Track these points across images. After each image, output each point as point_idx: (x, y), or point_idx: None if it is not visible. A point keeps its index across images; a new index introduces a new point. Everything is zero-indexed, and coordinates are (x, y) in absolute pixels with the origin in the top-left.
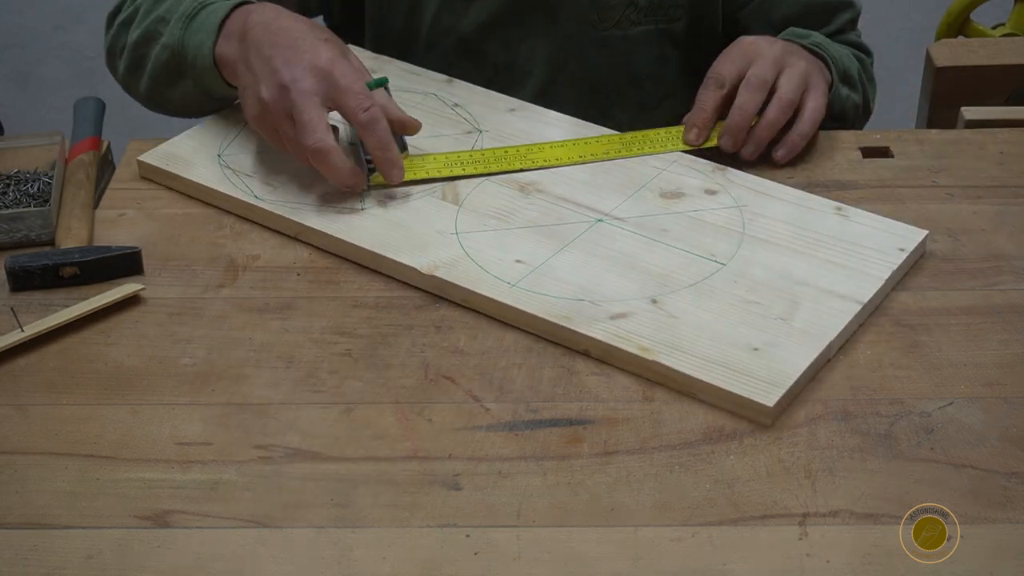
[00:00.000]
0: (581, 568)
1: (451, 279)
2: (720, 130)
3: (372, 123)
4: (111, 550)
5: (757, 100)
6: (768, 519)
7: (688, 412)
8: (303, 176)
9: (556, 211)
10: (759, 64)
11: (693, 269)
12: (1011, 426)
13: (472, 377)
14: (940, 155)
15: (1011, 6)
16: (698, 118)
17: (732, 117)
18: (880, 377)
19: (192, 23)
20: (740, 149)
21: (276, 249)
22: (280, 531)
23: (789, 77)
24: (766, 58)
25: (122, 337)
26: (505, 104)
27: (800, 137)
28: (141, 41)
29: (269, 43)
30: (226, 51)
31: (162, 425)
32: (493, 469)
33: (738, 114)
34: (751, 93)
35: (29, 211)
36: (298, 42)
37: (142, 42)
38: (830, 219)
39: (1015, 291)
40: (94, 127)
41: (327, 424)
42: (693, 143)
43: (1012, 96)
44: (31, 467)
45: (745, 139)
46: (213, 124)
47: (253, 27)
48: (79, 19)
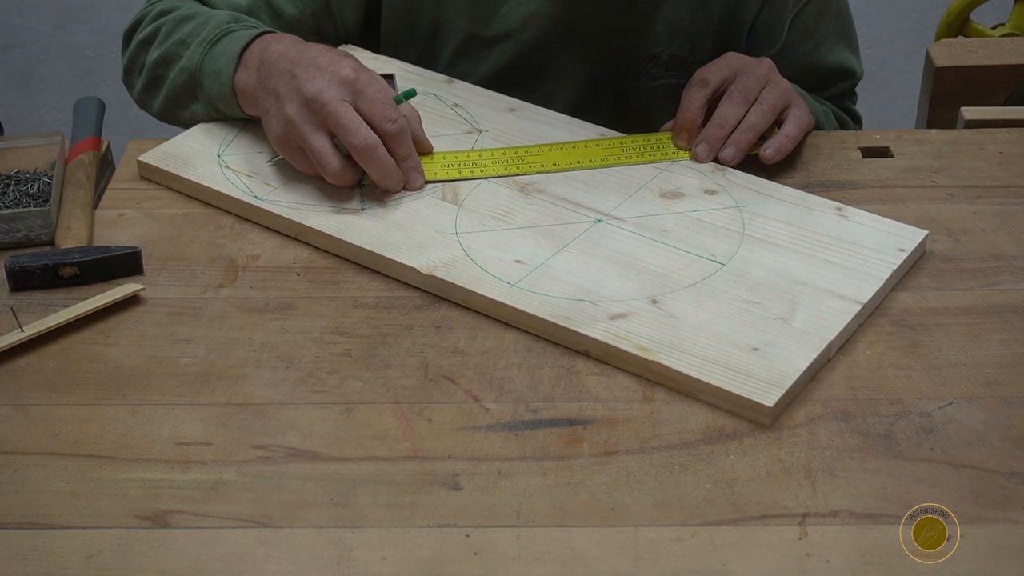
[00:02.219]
0: (581, 568)
1: (451, 279)
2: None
3: (400, 135)
4: (111, 550)
5: (738, 113)
6: (768, 519)
7: (688, 412)
8: (303, 176)
9: (556, 211)
10: (744, 78)
11: (693, 269)
12: (1011, 426)
13: (472, 377)
14: (940, 155)
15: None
16: (685, 120)
17: (710, 127)
18: (880, 377)
19: (213, 50)
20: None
21: (276, 249)
22: (280, 531)
23: (771, 90)
24: (751, 73)
25: (122, 337)
26: (505, 104)
27: (788, 138)
28: (160, 62)
29: (289, 64)
30: (244, 80)
31: (162, 425)
32: (493, 469)
33: (716, 125)
34: (733, 106)
35: (29, 211)
36: (318, 60)
37: (161, 63)
38: (830, 219)
39: (1015, 291)
40: (94, 127)
41: (327, 424)
42: (685, 148)
43: (1012, 96)
44: (31, 467)
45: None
46: (213, 125)
47: (271, 55)
48: (79, 19)
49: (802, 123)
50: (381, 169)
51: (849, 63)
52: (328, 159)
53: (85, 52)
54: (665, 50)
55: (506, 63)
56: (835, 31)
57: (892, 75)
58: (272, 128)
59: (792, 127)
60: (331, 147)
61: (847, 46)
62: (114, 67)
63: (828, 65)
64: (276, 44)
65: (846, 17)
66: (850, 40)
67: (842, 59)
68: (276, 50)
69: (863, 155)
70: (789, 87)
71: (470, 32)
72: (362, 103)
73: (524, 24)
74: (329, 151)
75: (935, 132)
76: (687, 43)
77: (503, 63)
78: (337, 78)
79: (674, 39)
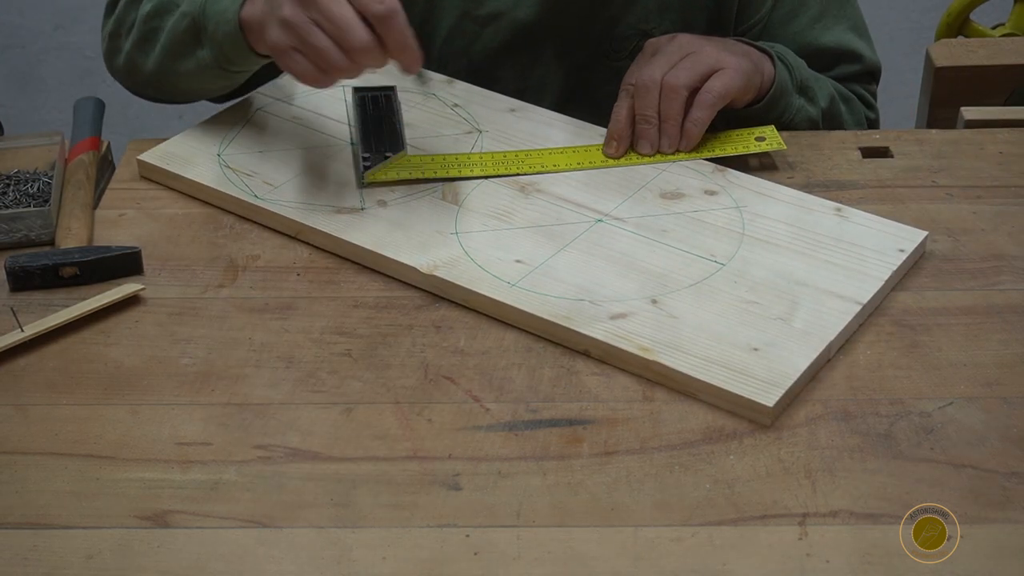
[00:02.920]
0: (581, 568)
1: (451, 279)
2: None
3: (391, 15)
4: (111, 550)
5: (651, 103)
6: (768, 519)
7: (688, 412)
8: (303, 176)
9: (556, 211)
10: (651, 64)
11: (693, 269)
12: (1011, 426)
13: (472, 377)
14: (940, 155)
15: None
16: (614, 129)
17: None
18: (880, 377)
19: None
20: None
21: (276, 249)
22: (280, 531)
23: (681, 67)
24: (659, 56)
25: (122, 337)
26: (505, 104)
27: (692, 123)
28: (154, 13)
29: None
30: (250, 12)
31: (162, 425)
32: (493, 469)
33: (612, 121)
34: (640, 98)
35: (29, 211)
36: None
37: (155, 14)
38: (830, 219)
39: (1015, 291)
40: (94, 127)
41: (327, 424)
42: (613, 156)
43: (1012, 96)
44: (31, 467)
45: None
46: (213, 124)
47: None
48: (79, 19)
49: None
50: (400, 36)
51: (851, 44)
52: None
53: (85, 52)
54: (657, 27)
55: (500, 42)
56: (832, 11)
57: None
58: (270, 36)
59: (697, 109)
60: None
61: (850, 28)
62: None
63: (825, 44)
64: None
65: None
66: (854, 23)
67: (843, 40)
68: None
69: (863, 155)
70: (715, 55)
71: (463, 10)
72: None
73: (516, 3)
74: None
75: (935, 132)
76: (680, 19)
77: (497, 42)
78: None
79: (666, 15)
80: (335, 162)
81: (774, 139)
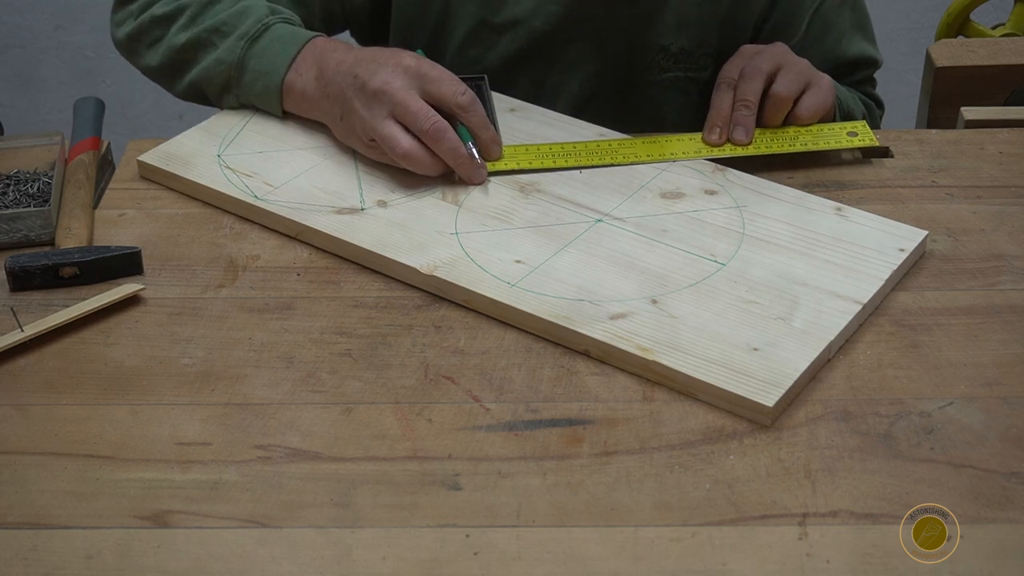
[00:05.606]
0: (581, 568)
1: (451, 279)
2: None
3: (472, 104)
4: (111, 550)
5: (755, 88)
6: (768, 519)
7: (688, 412)
8: (303, 176)
9: (556, 211)
10: (758, 58)
11: (693, 269)
12: (1011, 426)
13: (472, 377)
14: (940, 155)
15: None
16: (718, 118)
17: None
18: (880, 377)
19: (255, 46)
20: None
21: (276, 249)
22: (280, 531)
23: (785, 74)
24: (765, 53)
25: (122, 337)
26: (505, 104)
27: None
28: (189, 46)
29: (349, 67)
30: (295, 82)
31: (162, 425)
32: (493, 469)
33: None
34: (745, 83)
35: (29, 211)
36: (377, 56)
37: (190, 47)
38: (830, 219)
39: (1015, 291)
40: (94, 127)
41: (327, 424)
42: (716, 143)
43: (1012, 96)
44: (31, 467)
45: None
46: (213, 124)
47: (330, 66)
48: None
49: (809, 113)
50: (454, 153)
51: (869, 52)
52: (398, 141)
53: (85, 52)
54: (675, 42)
55: (516, 50)
56: (853, 23)
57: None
58: (344, 131)
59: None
60: (400, 130)
61: (864, 37)
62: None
63: (850, 56)
64: (332, 53)
65: (862, 7)
66: (867, 30)
67: (862, 49)
68: (334, 59)
69: (863, 155)
70: (808, 66)
71: (480, 18)
72: (429, 85)
73: (535, 11)
74: (398, 133)
75: (935, 132)
76: (696, 36)
77: (512, 50)
78: (400, 67)
79: (683, 31)
80: (335, 162)
81: (866, 135)
